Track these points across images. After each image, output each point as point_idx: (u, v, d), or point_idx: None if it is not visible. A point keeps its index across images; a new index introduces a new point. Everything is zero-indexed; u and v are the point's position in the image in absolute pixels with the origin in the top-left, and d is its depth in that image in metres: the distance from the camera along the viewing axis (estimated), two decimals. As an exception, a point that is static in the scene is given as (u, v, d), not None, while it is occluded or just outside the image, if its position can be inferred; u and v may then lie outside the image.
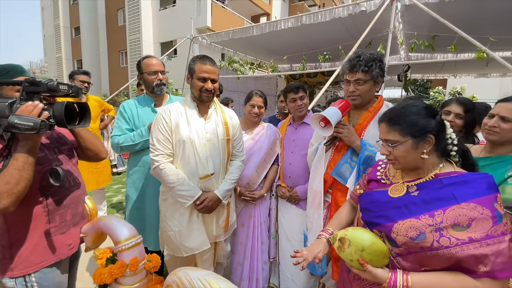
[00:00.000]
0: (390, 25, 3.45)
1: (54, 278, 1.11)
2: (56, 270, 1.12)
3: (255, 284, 2.03)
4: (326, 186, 1.54)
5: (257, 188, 2.02)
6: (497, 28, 3.77)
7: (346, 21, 3.99)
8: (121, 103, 1.96)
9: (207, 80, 1.53)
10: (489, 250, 0.73)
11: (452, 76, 8.08)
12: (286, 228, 1.97)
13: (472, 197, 0.79)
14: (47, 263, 1.08)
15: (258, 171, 2.01)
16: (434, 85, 14.65)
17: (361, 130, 1.45)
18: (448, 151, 0.95)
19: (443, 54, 5.33)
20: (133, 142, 1.82)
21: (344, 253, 0.89)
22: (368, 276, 0.86)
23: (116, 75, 17.34)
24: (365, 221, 1.00)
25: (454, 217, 0.79)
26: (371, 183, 1.10)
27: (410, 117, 0.90)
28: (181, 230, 1.56)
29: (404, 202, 0.89)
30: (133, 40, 15.61)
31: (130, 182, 1.93)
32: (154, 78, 1.90)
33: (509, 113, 1.16)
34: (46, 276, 1.08)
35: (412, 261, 0.84)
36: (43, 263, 1.07)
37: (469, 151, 0.97)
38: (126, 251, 1.05)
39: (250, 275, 2.03)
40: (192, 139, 1.53)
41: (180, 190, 1.50)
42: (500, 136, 1.19)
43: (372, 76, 1.37)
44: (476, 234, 0.75)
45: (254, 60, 7.06)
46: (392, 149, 0.93)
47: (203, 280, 1.08)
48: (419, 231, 0.81)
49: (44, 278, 1.07)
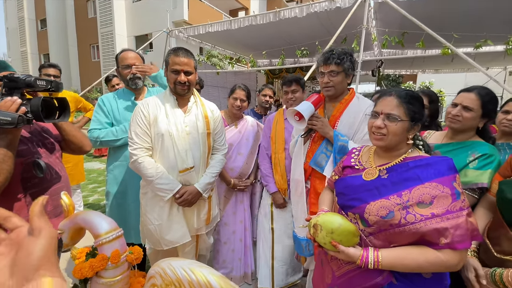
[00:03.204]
0: (364, 22, 3.59)
1: None
2: None
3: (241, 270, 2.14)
4: (306, 175, 1.63)
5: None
6: (461, 26, 4.04)
7: (322, 17, 4.10)
8: (100, 97, 1.91)
9: (180, 72, 1.51)
10: (449, 224, 0.82)
11: (421, 72, 8.54)
12: (280, 221, 2.02)
13: (434, 177, 0.88)
14: None
15: (248, 162, 2.12)
16: (406, 80, 15.42)
17: (334, 121, 1.54)
18: (416, 140, 1.04)
19: (412, 50, 5.63)
20: (115, 137, 1.78)
21: (318, 237, 0.95)
22: (342, 256, 0.92)
23: (88, 70, 16.47)
24: (340, 205, 1.06)
25: (419, 196, 0.87)
26: (345, 170, 1.16)
27: (417, 103, 0.99)
28: (161, 224, 1.56)
29: (375, 184, 0.96)
30: (105, 33, 14.87)
31: (111, 177, 1.88)
32: (128, 71, 1.88)
33: (471, 102, 1.25)
34: None
35: (383, 239, 0.92)
36: None
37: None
38: (106, 244, 1.03)
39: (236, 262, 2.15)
40: (171, 132, 1.52)
41: (159, 184, 1.49)
42: (462, 124, 1.28)
43: (344, 69, 1.46)
44: (437, 210, 0.83)
45: (233, 55, 7.02)
46: (390, 124, 0.97)
47: (186, 268, 1.08)
48: (389, 210, 0.88)
49: None
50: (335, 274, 1.03)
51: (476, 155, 1.21)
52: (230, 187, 2.09)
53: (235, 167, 2.09)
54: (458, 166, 1.18)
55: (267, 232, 2.06)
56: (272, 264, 2.06)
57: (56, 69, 2.84)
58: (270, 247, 2.05)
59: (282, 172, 1.96)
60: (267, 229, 2.06)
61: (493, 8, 3.63)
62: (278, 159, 1.98)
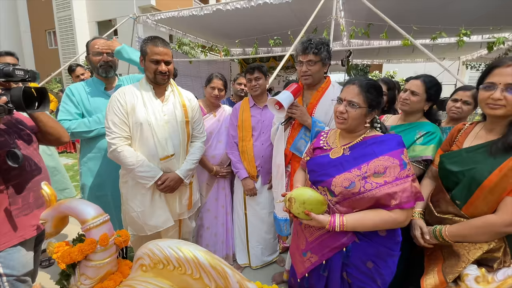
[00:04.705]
0: (333, 13, 3.74)
1: (20, 258, 1.15)
2: (21, 249, 1.17)
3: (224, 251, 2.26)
4: (287, 160, 1.74)
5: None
6: (420, 19, 4.35)
7: (294, 6, 4.18)
8: (68, 87, 1.84)
9: (160, 62, 1.53)
10: (398, 188, 0.99)
11: (386, 62, 9.05)
12: (254, 205, 2.14)
13: (386, 151, 1.05)
14: (12, 243, 1.12)
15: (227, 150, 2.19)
16: (372, 70, 16.18)
17: (312, 108, 1.66)
18: (374, 123, 1.21)
19: (378, 41, 5.95)
20: (88, 128, 1.76)
21: (293, 209, 1.09)
22: (314, 223, 1.07)
23: (44, 58, 15.06)
24: (312, 181, 1.20)
25: (374, 167, 1.03)
26: (316, 151, 1.30)
27: (375, 92, 1.13)
28: (143, 210, 1.60)
29: (340, 161, 1.12)
30: (63, 17, 13.64)
31: (85, 170, 1.86)
32: (98, 59, 1.83)
33: (416, 88, 1.47)
34: (11, 256, 1.13)
35: (347, 206, 1.08)
36: (7, 243, 1.12)
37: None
38: (94, 229, 1.07)
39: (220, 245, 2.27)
40: (149, 121, 1.55)
41: (140, 172, 1.53)
42: (410, 106, 1.49)
43: (321, 58, 1.56)
44: (389, 178, 1.00)
45: (206, 43, 6.89)
46: (350, 109, 1.11)
47: (173, 247, 1.15)
48: (351, 181, 1.04)
49: (9, 258, 1.12)
50: (308, 240, 1.18)
51: (422, 133, 1.43)
52: (212, 174, 2.15)
53: (216, 154, 2.15)
54: (408, 143, 1.40)
55: (241, 218, 2.19)
56: (247, 245, 2.20)
57: (14, 58, 2.63)
58: (244, 231, 2.19)
59: (250, 159, 2.04)
60: (241, 215, 2.18)
61: (447, 2, 3.97)
62: (246, 146, 2.04)
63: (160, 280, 1.16)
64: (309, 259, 1.18)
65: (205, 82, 2.17)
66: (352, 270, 1.11)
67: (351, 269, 1.12)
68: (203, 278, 1.07)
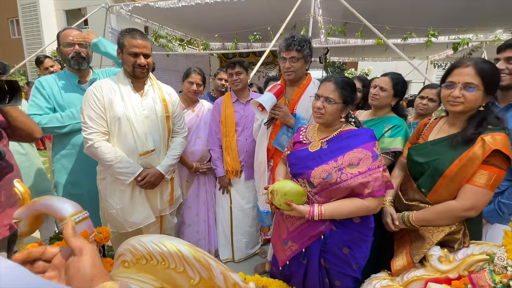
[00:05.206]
0: (311, 11, 3.82)
1: None
2: None
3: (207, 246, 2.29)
4: (269, 154, 1.79)
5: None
6: (392, 19, 4.57)
7: (274, 3, 4.21)
8: (37, 79, 1.74)
9: (139, 55, 1.50)
10: (370, 178, 1.07)
11: (361, 60, 9.38)
12: (239, 199, 2.16)
13: (360, 144, 1.13)
14: None
15: (208, 145, 2.18)
16: (348, 67, 16.74)
17: (294, 105, 1.71)
18: (349, 118, 1.29)
19: (353, 39, 6.16)
20: (61, 123, 1.68)
21: (275, 201, 1.14)
22: (294, 213, 1.13)
23: (6, 48, 13.92)
24: (292, 174, 1.26)
25: (349, 159, 1.11)
26: (296, 145, 1.36)
27: (350, 89, 1.21)
28: (123, 207, 1.58)
29: (318, 154, 1.18)
30: (26, 5, 12.64)
31: (59, 167, 1.78)
32: (70, 50, 1.74)
33: (385, 84, 1.60)
34: None
35: (324, 196, 1.15)
36: None
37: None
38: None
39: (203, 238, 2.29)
40: (128, 116, 1.52)
41: (119, 168, 1.50)
42: (379, 101, 1.62)
43: (304, 55, 1.60)
44: (362, 168, 1.08)
45: (184, 37, 6.73)
46: (327, 105, 1.19)
47: (156, 241, 1.14)
48: (328, 172, 1.11)
49: None
50: (289, 230, 1.24)
51: (389, 126, 1.55)
52: (192, 171, 2.13)
53: (196, 150, 2.14)
54: (378, 136, 1.52)
55: (226, 212, 2.20)
56: (231, 239, 2.23)
57: None
58: (229, 225, 2.21)
59: (234, 155, 2.04)
60: (226, 208, 2.20)
61: (417, 4, 4.19)
62: (230, 142, 2.04)
63: (143, 275, 1.15)
64: (290, 247, 1.24)
65: (183, 77, 2.13)
66: (329, 256, 1.19)
67: (328, 255, 1.19)
68: (187, 271, 1.08)
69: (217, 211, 2.28)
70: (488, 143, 1.02)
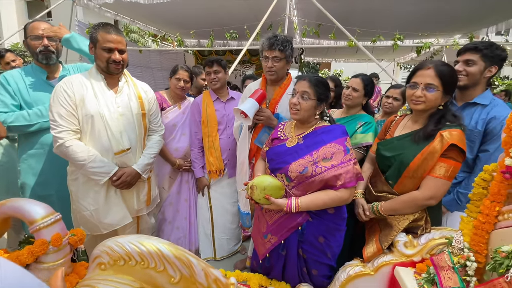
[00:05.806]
0: (286, 11, 3.90)
1: None
2: None
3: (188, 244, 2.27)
4: (252, 153, 1.80)
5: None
6: (363, 23, 4.80)
7: (250, 2, 4.23)
8: (1, 74, 1.61)
9: (114, 50, 1.46)
10: (342, 170, 1.15)
11: (334, 60, 9.74)
12: (220, 197, 2.16)
13: (333, 139, 1.21)
14: None
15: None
16: (322, 68, 17.25)
17: (275, 104, 1.75)
18: (324, 115, 1.37)
19: (327, 41, 6.37)
20: (28, 122, 1.58)
21: (255, 196, 1.18)
22: (273, 207, 1.18)
23: (-46, 39, 12.51)
24: (271, 169, 1.31)
25: (323, 153, 1.18)
26: (274, 141, 1.41)
27: (323, 87, 1.28)
28: (97, 208, 1.52)
29: (295, 149, 1.25)
30: (-21, -8, 11.45)
31: (25, 167, 1.68)
32: (38, 43, 1.65)
33: (357, 85, 1.72)
34: None
35: (301, 189, 1.21)
36: None
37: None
38: (45, 229, 0.99)
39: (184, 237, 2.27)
40: (102, 114, 1.46)
41: (92, 167, 1.44)
42: (352, 101, 1.75)
43: (286, 55, 1.63)
44: (335, 162, 1.16)
45: (157, 32, 6.52)
46: (302, 101, 1.26)
47: (135, 241, 1.12)
48: (304, 166, 1.18)
49: None
50: (269, 223, 1.29)
51: (361, 123, 1.68)
52: (175, 168, 2.11)
53: (180, 147, 2.12)
54: (351, 132, 1.63)
55: (206, 211, 2.20)
56: (213, 237, 2.23)
57: None
58: (209, 223, 2.20)
59: (217, 154, 2.03)
60: (205, 208, 2.19)
61: (384, 8, 4.45)
62: (213, 142, 2.03)
63: (121, 277, 1.13)
64: (270, 240, 1.29)
65: (170, 74, 2.12)
66: (306, 246, 1.26)
67: (306, 245, 1.26)
68: (168, 270, 1.08)
69: (198, 211, 2.27)
70: (446, 138, 1.14)
